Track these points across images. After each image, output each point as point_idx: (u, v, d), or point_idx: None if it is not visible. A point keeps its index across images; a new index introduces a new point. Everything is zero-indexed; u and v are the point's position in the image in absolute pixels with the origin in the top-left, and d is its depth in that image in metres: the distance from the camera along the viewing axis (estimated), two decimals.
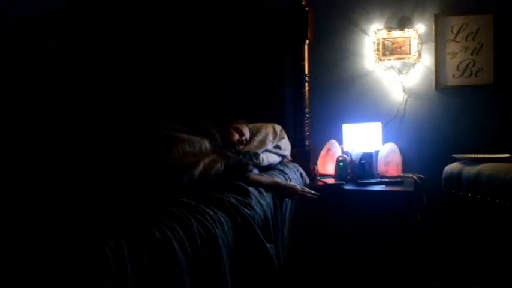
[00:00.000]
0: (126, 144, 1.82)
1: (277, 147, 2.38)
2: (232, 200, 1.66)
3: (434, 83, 2.63)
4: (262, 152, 2.25)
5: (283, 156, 2.42)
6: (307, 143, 2.66)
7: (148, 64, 2.89)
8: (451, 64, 2.60)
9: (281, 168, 2.32)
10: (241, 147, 2.19)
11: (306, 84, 2.64)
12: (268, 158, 2.28)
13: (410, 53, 2.61)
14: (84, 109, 2.74)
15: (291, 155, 2.53)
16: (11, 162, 1.93)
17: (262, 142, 2.29)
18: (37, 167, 1.83)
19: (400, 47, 2.63)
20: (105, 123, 2.35)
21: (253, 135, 2.31)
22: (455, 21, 2.58)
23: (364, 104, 2.74)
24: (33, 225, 1.24)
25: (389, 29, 2.65)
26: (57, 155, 1.91)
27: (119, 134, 1.90)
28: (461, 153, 2.38)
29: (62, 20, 2.89)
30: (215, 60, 2.81)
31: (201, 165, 1.74)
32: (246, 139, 2.23)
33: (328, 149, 2.64)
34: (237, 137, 2.17)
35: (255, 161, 2.18)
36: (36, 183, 1.67)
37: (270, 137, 2.35)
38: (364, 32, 2.73)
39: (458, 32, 2.58)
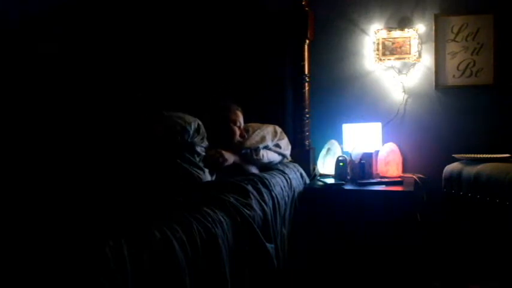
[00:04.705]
0: (125, 142, 1.82)
1: (277, 146, 2.39)
2: (232, 200, 1.66)
3: (434, 83, 2.63)
4: (263, 148, 2.26)
5: (283, 156, 2.42)
6: (307, 143, 2.66)
7: (147, 62, 2.89)
8: (451, 64, 2.60)
9: (281, 168, 2.32)
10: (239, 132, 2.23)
11: (306, 84, 2.64)
12: (268, 155, 2.29)
13: (410, 53, 2.62)
14: (84, 108, 2.74)
15: (291, 155, 2.53)
16: (11, 162, 1.93)
17: (263, 138, 2.30)
18: (37, 167, 1.83)
19: (400, 47, 2.63)
20: (103, 120, 2.35)
21: (253, 132, 2.32)
22: (455, 21, 2.58)
23: (364, 104, 2.74)
24: (33, 225, 1.24)
25: (389, 29, 2.65)
26: (57, 155, 1.91)
27: (118, 132, 1.91)
28: (461, 153, 2.38)
29: (62, 19, 2.89)
30: (215, 61, 2.80)
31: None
32: (240, 124, 2.25)
33: (328, 149, 2.64)
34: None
35: (255, 157, 2.20)
36: (37, 183, 1.67)
37: (270, 135, 2.36)
38: (364, 32, 2.73)
39: (458, 32, 2.58)
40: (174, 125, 1.83)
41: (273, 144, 2.35)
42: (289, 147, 2.49)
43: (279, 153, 2.38)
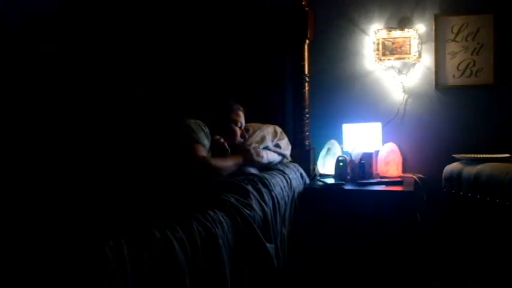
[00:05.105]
0: (125, 142, 1.82)
1: (277, 146, 2.39)
2: (233, 200, 1.67)
3: (434, 83, 2.63)
4: (263, 149, 2.26)
5: (283, 156, 2.42)
6: (307, 143, 2.66)
7: (147, 62, 2.89)
8: (451, 64, 2.60)
9: (281, 168, 2.32)
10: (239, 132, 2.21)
11: (306, 84, 2.64)
12: (268, 155, 2.29)
13: (410, 53, 2.61)
14: (84, 108, 2.74)
15: (291, 155, 2.53)
16: (12, 162, 1.93)
17: (263, 138, 2.31)
18: (38, 167, 1.83)
19: (400, 47, 2.63)
20: (103, 120, 2.35)
21: (254, 132, 2.32)
22: (455, 21, 2.58)
23: (364, 104, 2.74)
24: (33, 225, 1.24)
25: (389, 29, 2.65)
26: (57, 155, 1.91)
27: (117, 132, 1.91)
28: (461, 153, 2.38)
29: (62, 19, 2.89)
30: (215, 61, 2.80)
31: None
32: (241, 125, 2.24)
33: (328, 149, 2.64)
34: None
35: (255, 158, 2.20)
36: (37, 183, 1.67)
37: (270, 136, 2.36)
38: (364, 32, 2.73)
39: (458, 32, 2.58)
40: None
41: (273, 145, 2.35)
42: (289, 147, 2.49)
43: (279, 153, 2.38)
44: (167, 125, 1.91)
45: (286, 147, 2.45)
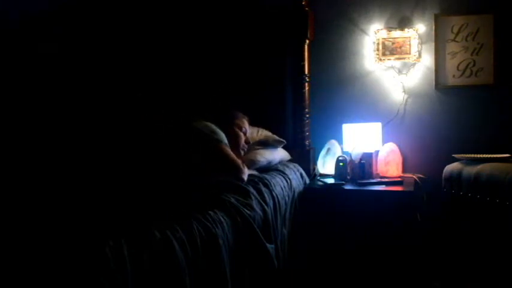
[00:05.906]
0: (126, 142, 1.82)
1: (273, 146, 2.40)
2: (233, 200, 1.66)
3: (434, 83, 2.63)
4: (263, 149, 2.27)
5: (280, 142, 2.44)
6: (307, 143, 2.66)
7: (147, 62, 2.89)
8: (451, 64, 2.60)
9: (281, 168, 2.32)
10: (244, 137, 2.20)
11: (306, 84, 2.64)
12: (266, 155, 2.30)
13: (410, 53, 2.61)
14: (84, 108, 2.74)
15: (291, 155, 2.53)
16: (12, 162, 1.93)
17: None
18: (38, 167, 1.83)
19: (400, 47, 2.63)
20: (104, 120, 2.35)
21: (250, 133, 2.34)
22: (455, 21, 2.58)
23: (364, 104, 2.74)
24: (33, 225, 1.24)
25: (389, 29, 2.65)
26: (57, 155, 1.91)
27: (118, 132, 1.91)
28: (461, 153, 2.38)
29: (62, 19, 2.89)
30: (215, 61, 2.80)
31: None
32: (245, 130, 2.23)
33: (328, 149, 2.64)
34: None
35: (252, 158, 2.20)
36: (37, 183, 1.67)
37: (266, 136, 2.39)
38: (364, 32, 2.73)
39: (458, 32, 2.58)
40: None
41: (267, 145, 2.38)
42: (283, 152, 2.50)
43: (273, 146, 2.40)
44: (167, 125, 1.91)
45: (280, 150, 2.47)
